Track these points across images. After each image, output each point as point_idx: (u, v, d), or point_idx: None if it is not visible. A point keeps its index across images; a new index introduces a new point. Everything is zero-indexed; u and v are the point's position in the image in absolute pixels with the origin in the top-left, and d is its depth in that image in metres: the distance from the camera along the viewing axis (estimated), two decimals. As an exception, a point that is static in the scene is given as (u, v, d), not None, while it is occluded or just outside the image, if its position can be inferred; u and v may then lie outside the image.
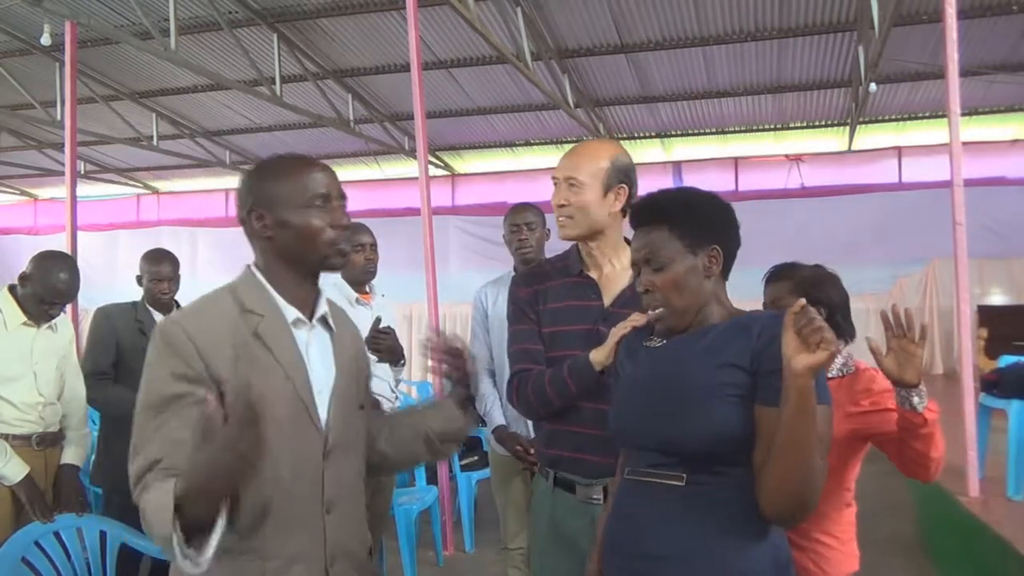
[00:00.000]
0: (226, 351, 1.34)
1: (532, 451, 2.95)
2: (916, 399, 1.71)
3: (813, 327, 1.22)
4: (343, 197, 1.50)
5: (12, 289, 2.71)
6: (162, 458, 1.26)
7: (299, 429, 1.39)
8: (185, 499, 1.15)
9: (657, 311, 1.45)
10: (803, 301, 1.25)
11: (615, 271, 1.91)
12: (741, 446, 1.35)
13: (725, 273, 1.50)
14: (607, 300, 1.87)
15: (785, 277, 2.04)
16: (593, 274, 1.91)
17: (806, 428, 1.24)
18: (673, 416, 1.39)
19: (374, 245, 3.17)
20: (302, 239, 1.43)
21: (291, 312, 1.45)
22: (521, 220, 3.09)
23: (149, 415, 1.31)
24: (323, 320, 1.51)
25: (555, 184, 1.88)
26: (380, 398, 3.08)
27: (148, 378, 1.34)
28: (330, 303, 1.56)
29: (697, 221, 1.46)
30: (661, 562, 1.39)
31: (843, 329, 1.99)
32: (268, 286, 1.45)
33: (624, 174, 1.85)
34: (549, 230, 3.17)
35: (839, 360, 1.98)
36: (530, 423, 3.04)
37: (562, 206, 1.85)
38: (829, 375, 1.93)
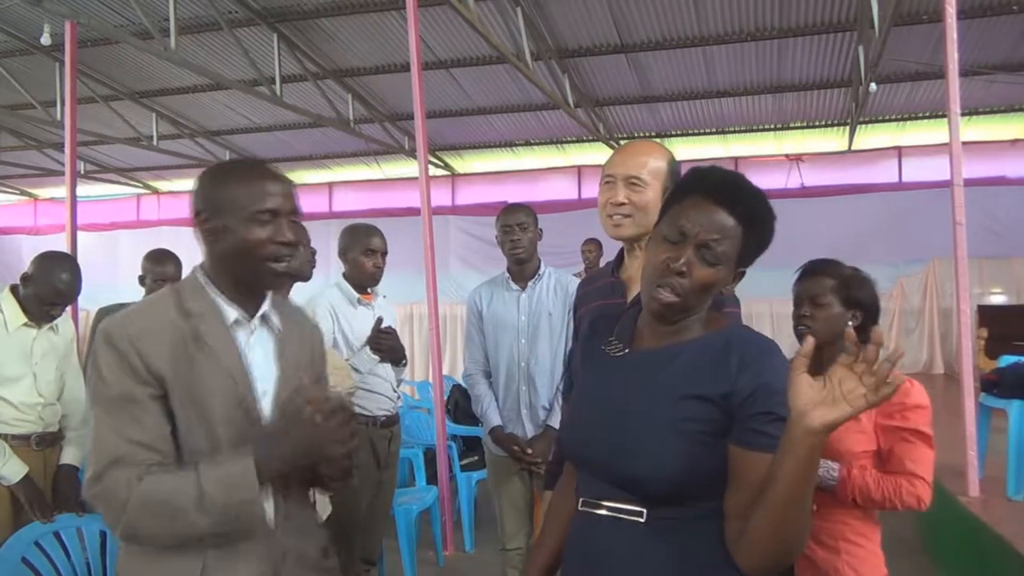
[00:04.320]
0: (164, 351, 1.35)
1: (529, 451, 2.95)
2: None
3: (881, 375, 1.00)
4: (294, 213, 1.45)
5: (14, 289, 2.71)
6: (123, 456, 1.31)
7: (242, 430, 1.39)
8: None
9: (669, 296, 1.25)
10: (851, 332, 1.09)
11: None
12: (707, 484, 1.20)
13: None
14: (630, 297, 1.85)
15: (826, 273, 1.95)
16: (628, 273, 1.87)
17: (808, 485, 1.08)
18: (629, 450, 1.23)
19: (385, 253, 3.17)
20: (240, 250, 1.42)
21: (231, 313, 1.45)
22: (513, 221, 3.08)
23: (102, 415, 1.35)
24: (266, 320, 1.51)
25: (609, 182, 1.80)
26: (382, 397, 3.10)
27: (96, 377, 1.36)
28: (284, 303, 1.56)
29: (760, 241, 1.30)
30: None
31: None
32: (210, 287, 1.45)
33: (678, 175, 1.77)
34: (541, 230, 3.17)
35: None
36: (527, 424, 3.04)
37: (622, 204, 1.77)
38: None
